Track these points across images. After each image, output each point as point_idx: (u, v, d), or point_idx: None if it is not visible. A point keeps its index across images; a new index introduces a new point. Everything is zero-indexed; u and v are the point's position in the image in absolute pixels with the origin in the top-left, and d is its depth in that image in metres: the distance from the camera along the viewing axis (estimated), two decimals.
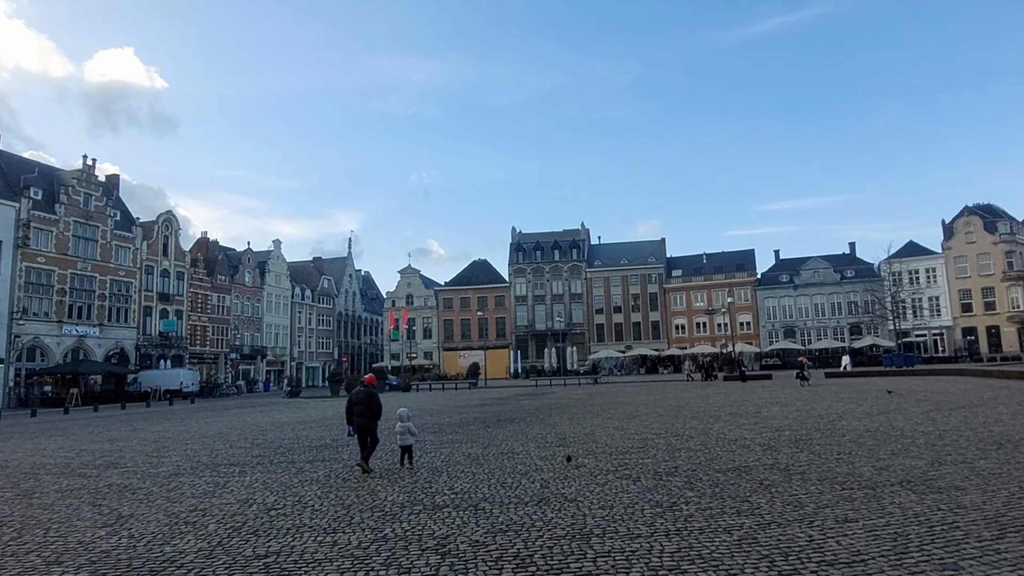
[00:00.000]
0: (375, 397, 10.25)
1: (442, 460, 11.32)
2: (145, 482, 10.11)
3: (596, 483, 8.52)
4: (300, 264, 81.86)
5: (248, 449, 14.07)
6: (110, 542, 6.48)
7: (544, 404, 25.64)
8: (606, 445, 12.43)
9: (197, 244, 64.62)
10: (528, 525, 6.46)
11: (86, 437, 18.52)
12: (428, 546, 5.85)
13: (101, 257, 49.43)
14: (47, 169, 49.74)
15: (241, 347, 64.75)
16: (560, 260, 78.93)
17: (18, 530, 7.16)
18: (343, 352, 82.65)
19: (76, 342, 46.87)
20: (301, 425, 19.84)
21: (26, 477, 11.13)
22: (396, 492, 8.47)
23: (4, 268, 42.37)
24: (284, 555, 5.76)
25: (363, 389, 10.41)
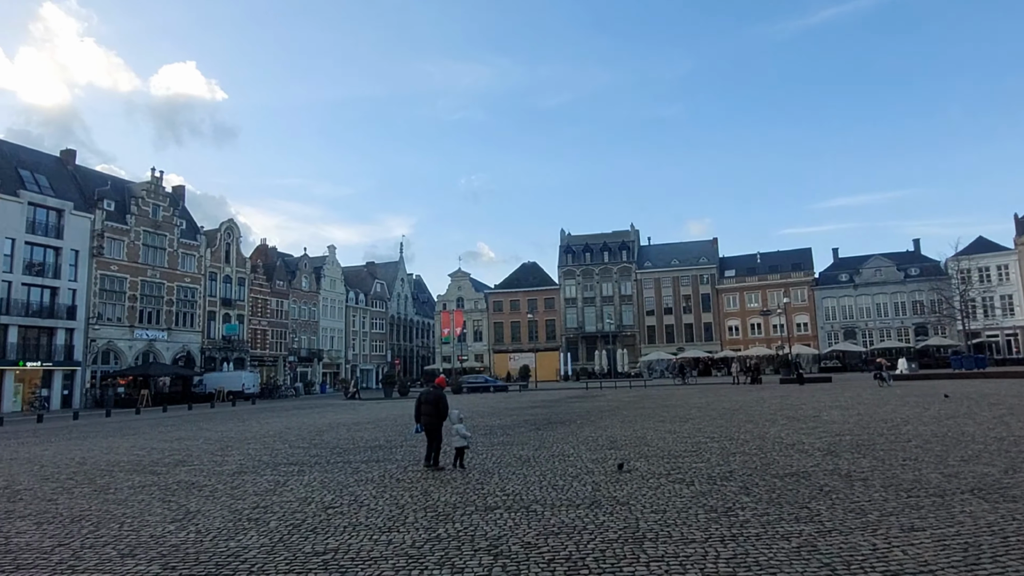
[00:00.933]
0: (443, 398, 10.74)
1: (494, 462, 11.40)
2: (211, 480, 10.55)
3: (648, 487, 8.44)
4: (354, 269, 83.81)
5: (306, 449, 14.48)
6: (179, 536, 6.79)
7: (595, 407, 25.48)
8: (658, 448, 12.27)
9: (257, 251, 66.93)
10: (580, 528, 6.46)
11: (156, 436, 19.43)
12: (481, 547, 5.91)
13: (169, 264, 51.85)
14: (119, 182, 52.48)
15: (299, 350, 66.70)
16: (610, 262, 78.29)
17: (95, 524, 7.58)
18: (396, 355, 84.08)
19: (146, 345, 49.24)
20: (356, 426, 20.30)
21: (102, 473, 11.76)
22: (449, 493, 8.59)
23: (81, 276, 44.93)
24: (342, 552, 5.93)
25: (432, 390, 10.87)
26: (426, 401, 10.66)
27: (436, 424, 10.60)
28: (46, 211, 43.40)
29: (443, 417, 10.62)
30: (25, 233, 41.75)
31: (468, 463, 10.97)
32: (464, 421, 10.82)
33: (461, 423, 10.63)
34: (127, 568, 5.73)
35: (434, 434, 10.65)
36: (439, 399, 10.65)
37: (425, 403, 10.65)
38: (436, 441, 10.71)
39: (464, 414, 11.40)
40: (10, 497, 9.55)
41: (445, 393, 11.08)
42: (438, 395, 10.73)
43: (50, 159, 48.74)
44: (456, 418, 10.63)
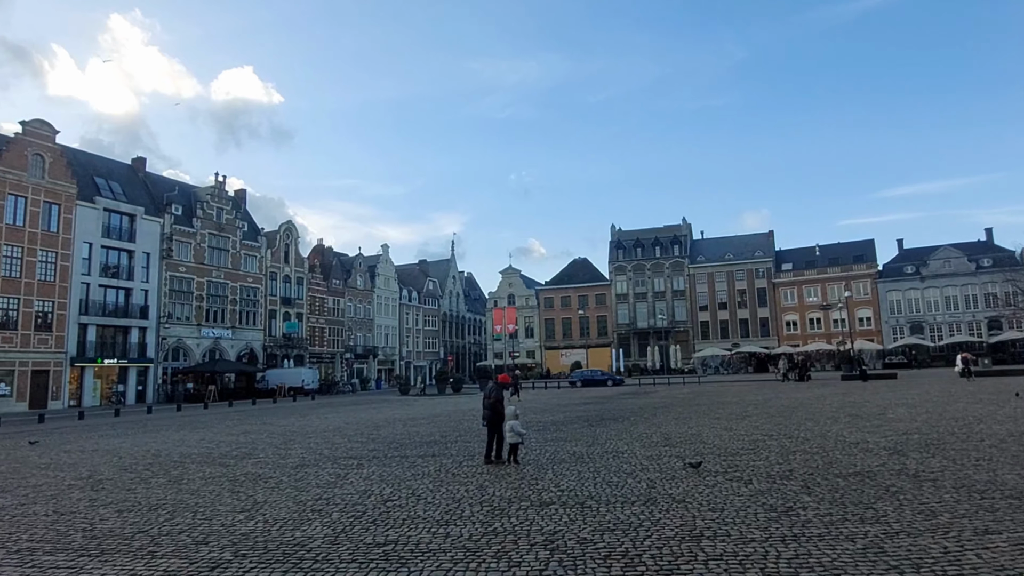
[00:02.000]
0: (498, 395, 11.09)
1: (547, 457, 11.45)
2: (275, 472, 10.97)
3: (705, 484, 8.34)
4: (407, 267, 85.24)
5: (364, 443, 14.88)
6: (248, 525, 7.11)
7: (648, 403, 25.23)
8: (714, 446, 12.09)
9: (314, 251, 68.83)
10: (636, 524, 6.45)
11: (223, 430, 20.30)
12: (537, 541, 5.98)
13: (232, 265, 53.96)
14: (185, 187, 54.90)
15: (355, 347, 68.35)
16: (661, 257, 77.16)
17: (171, 512, 8.01)
18: (448, 351, 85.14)
19: (212, 343, 51.42)
20: (411, 421, 20.69)
21: (175, 465, 12.39)
22: (504, 488, 8.69)
23: (152, 277, 47.27)
24: (401, 544, 6.10)
25: (493, 386, 11.29)
26: (486, 397, 11.07)
27: (496, 420, 10.92)
28: (120, 216, 45.79)
29: (501, 413, 10.90)
30: (101, 237, 44.19)
31: (522, 459, 11.06)
32: (520, 418, 11.00)
33: (516, 420, 10.81)
34: (201, 554, 6.04)
35: (494, 430, 10.96)
36: (491, 394, 11.00)
37: (486, 399, 11.07)
38: (497, 436, 10.98)
39: (519, 410, 11.53)
40: (93, 486, 10.18)
41: (500, 389, 11.49)
42: (491, 391, 11.08)
43: (122, 167, 51.40)
44: (512, 415, 10.82)
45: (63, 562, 5.95)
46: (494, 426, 10.94)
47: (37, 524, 7.56)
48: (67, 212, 42.02)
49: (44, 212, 40.80)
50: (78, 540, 6.75)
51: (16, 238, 39.16)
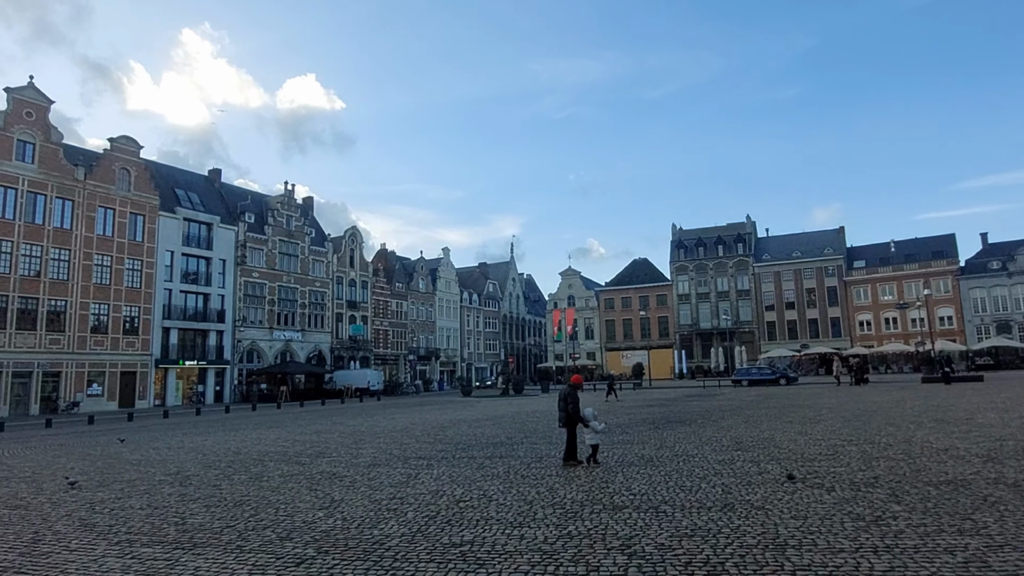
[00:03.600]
0: (570, 396, 11.05)
1: (616, 460, 11.34)
2: (349, 471, 11.28)
3: (784, 491, 8.07)
4: (467, 270, 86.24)
5: (432, 444, 15.11)
6: (328, 523, 7.33)
7: (714, 406, 24.62)
8: (789, 451, 11.68)
9: (377, 255, 70.56)
10: (715, 531, 6.30)
11: (296, 429, 21.03)
12: (613, 546, 5.92)
13: (301, 270, 55.99)
14: (257, 196, 57.34)
15: (418, 349, 69.62)
16: (724, 256, 75.20)
17: (255, 508, 8.34)
18: (509, 353, 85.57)
19: (284, 346, 53.45)
20: (476, 423, 20.89)
21: (255, 462, 12.91)
22: (575, 490, 8.66)
23: (228, 283, 49.57)
24: (477, 545, 6.15)
25: (567, 387, 11.26)
26: (561, 398, 11.10)
27: (572, 421, 10.94)
28: (198, 225, 48.25)
29: (575, 414, 10.88)
30: (181, 245, 46.67)
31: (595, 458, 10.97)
32: (599, 419, 10.97)
33: (596, 421, 10.81)
34: (286, 550, 6.26)
35: (570, 431, 11.00)
36: (566, 397, 10.98)
37: (561, 399, 11.12)
38: (572, 437, 11.01)
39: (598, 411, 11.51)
40: (182, 482, 10.73)
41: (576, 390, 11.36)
42: (567, 392, 11.05)
43: (200, 178, 54.14)
44: (590, 416, 10.82)
45: (160, 554, 6.28)
46: (571, 427, 10.97)
47: (133, 517, 8.02)
48: (151, 222, 44.56)
49: (130, 223, 43.40)
50: (171, 533, 7.11)
51: (106, 247, 41.79)
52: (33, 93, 39.57)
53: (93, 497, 9.54)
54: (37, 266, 38.44)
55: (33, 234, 38.38)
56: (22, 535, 7.24)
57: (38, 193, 38.91)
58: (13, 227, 37.53)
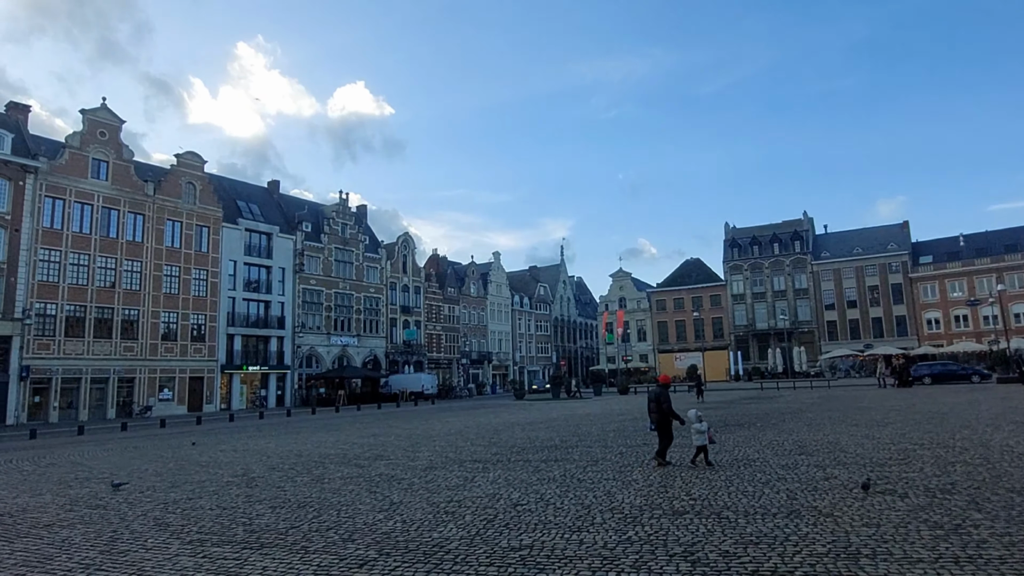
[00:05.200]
0: (662, 395, 11.05)
1: (674, 464, 11.13)
2: (407, 473, 11.45)
3: (852, 497, 7.75)
4: (517, 273, 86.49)
5: (486, 447, 15.18)
6: (388, 525, 7.44)
7: (773, 408, 23.89)
8: (856, 455, 11.23)
9: (429, 260, 71.55)
10: (781, 539, 6.10)
11: (355, 432, 21.49)
12: (675, 552, 5.81)
13: (356, 277, 57.34)
14: (313, 205, 59.05)
15: (470, 353, 70.21)
16: (781, 254, 73.01)
17: (318, 510, 8.55)
18: (561, 356, 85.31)
19: (341, 351, 54.80)
20: (530, 426, 20.88)
21: (316, 465, 13.25)
22: (633, 495, 8.54)
23: (287, 290, 51.19)
24: (536, 549, 6.13)
25: (657, 388, 11.35)
26: (650, 399, 11.16)
27: (661, 420, 10.93)
28: (259, 235, 50.04)
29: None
30: (243, 255, 48.47)
31: (647, 464, 10.81)
32: (703, 420, 10.82)
33: (700, 422, 10.65)
34: (349, 551, 6.39)
35: (661, 430, 10.99)
36: (658, 396, 10.99)
37: (650, 401, 11.17)
38: (664, 438, 10.99)
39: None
40: (248, 483, 11.10)
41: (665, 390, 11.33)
42: (657, 392, 11.08)
43: (259, 189, 56.15)
44: (694, 417, 10.74)
45: (229, 553, 6.51)
46: (662, 427, 10.95)
47: (204, 517, 8.34)
48: (215, 233, 46.44)
49: (196, 234, 45.34)
50: (240, 533, 7.36)
51: (174, 258, 43.78)
52: (105, 113, 41.81)
53: (166, 498, 9.98)
54: (112, 277, 40.56)
55: (108, 247, 40.53)
56: (102, 534, 7.63)
57: (112, 208, 41.09)
58: (90, 241, 39.74)
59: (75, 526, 8.11)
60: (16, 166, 36.82)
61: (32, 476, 13.24)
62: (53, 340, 37.51)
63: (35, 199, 37.41)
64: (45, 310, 37.37)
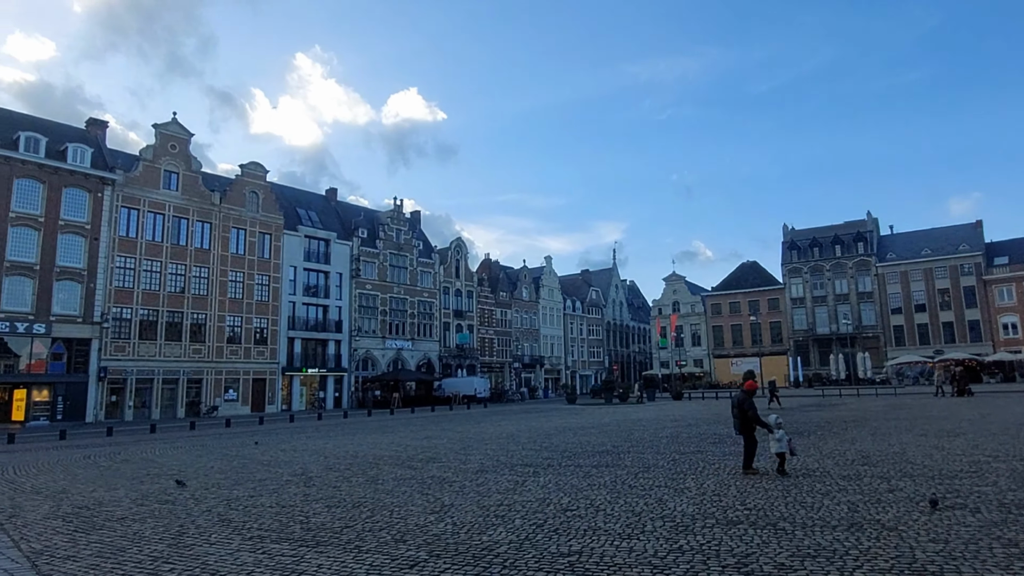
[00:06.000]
0: (745, 402, 10.74)
1: (728, 472, 10.89)
2: (458, 476, 11.57)
3: (918, 511, 7.41)
4: (569, 277, 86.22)
5: (538, 451, 15.19)
6: (438, 527, 7.55)
7: (835, 416, 23.02)
8: (924, 467, 10.72)
9: (481, 265, 72.14)
10: (841, 552, 5.88)
11: (408, 434, 21.85)
12: (728, 563, 5.68)
13: (410, 281, 58.37)
14: (369, 212, 60.48)
15: (522, 356, 70.36)
16: (843, 256, 70.31)
17: (371, 510, 8.74)
18: (613, 360, 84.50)
19: (395, 354, 55.86)
20: (581, 431, 20.76)
21: (371, 466, 13.54)
22: (685, 503, 8.40)
23: (344, 295, 52.58)
24: (586, 556, 6.10)
25: (741, 393, 11.02)
26: (734, 405, 10.90)
27: (744, 427, 10.67)
28: (317, 242, 51.60)
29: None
30: (303, 261, 50.07)
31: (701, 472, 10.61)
32: (783, 427, 10.53)
33: (780, 429, 10.39)
34: (400, 552, 6.51)
35: (746, 437, 10.73)
36: (741, 403, 10.71)
37: (733, 407, 10.90)
38: (748, 444, 10.74)
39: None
40: (306, 483, 11.44)
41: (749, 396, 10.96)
42: (741, 398, 10.79)
43: (318, 197, 57.90)
44: (774, 423, 10.46)
45: (287, 550, 6.73)
46: (748, 433, 10.69)
47: (264, 515, 8.65)
48: (276, 240, 48.14)
49: (259, 241, 47.10)
50: (297, 531, 7.60)
51: (238, 265, 45.60)
52: (176, 128, 43.96)
53: (229, 495, 10.40)
54: (181, 283, 42.56)
55: (178, 254, 42.56)
56: (170, 528, 8.01)
57: (181, 217, 43.13)
58: (161, 248, 41.82)
59: (145, 520, 8.55)
60: (95, 179, 39.12)
61: (108, 471, 14.02)
62: (128, 342, 39.58)
63: (112, 209, 39.63)
64: (121, 314, 39.50)
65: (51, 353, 36.63)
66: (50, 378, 36.50)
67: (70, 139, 39.77)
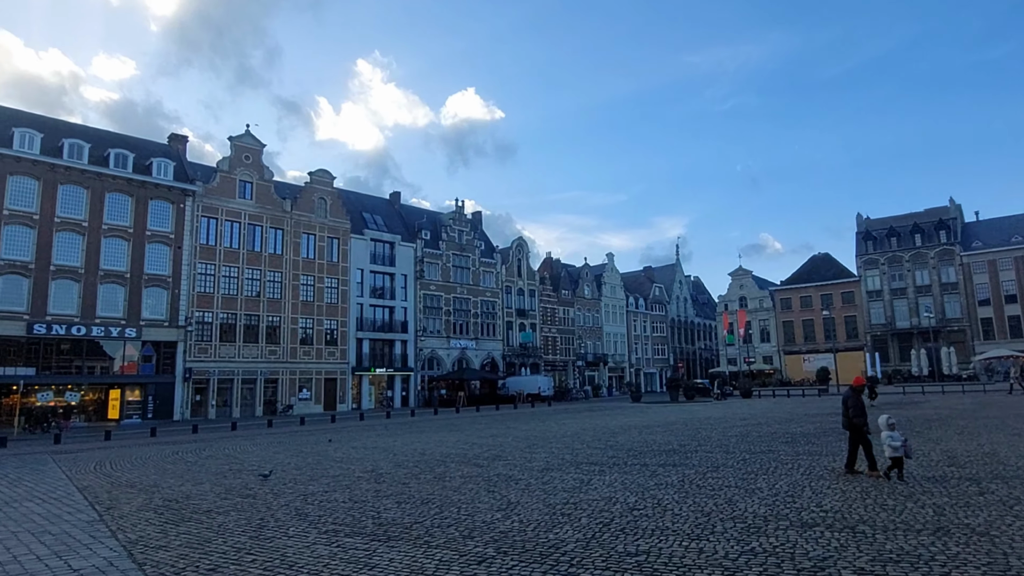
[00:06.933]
0: (849, 399, 10.33)
1: (802, 472, 10.53)
2: (524, 474, 11.66)
3: (1012, 514, 6.97)
4: (631, 274, 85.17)
5: (603, 450, 15.11)
6: (505, 524, 7.64)
7: (918, 415, 21.81)
8: (1017, 468, 10.07)
9: (543, 264, 72.15)
10: (926, 557, 5.61)
11: (474, 433, 22.14)
12: (804, 567, 5.51)
13: (473, 282, 59.06)
14: (432, 214, 61.55)
15: (585, 355, 70.00)
16: (923, 245, 66.43)
17: (439, 507, 8.93)
18: (678, 358, 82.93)
19: (460, 353, 56.66)
20: (647, 429, 20.50)
21: (438, 464, 13.81)
22: (757, 504, 8.19)
23: (409, 296, 53.73)
24: (654, 556, 6.05)
25: (848, 390, 10.63)
26: (843, 403, 10.54)
27: (851, 425, 10.23)
28: (383, 244, 52.94)
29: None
30: (369, 264, 51.49)
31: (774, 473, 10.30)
32: (896, 428, 9.71)
33: (891, 429, 9.58)
34: (468, 548, 6.64)
35: (853, 436, 10.29)
36: (846, 400, 10.36)
37: (843, 404, 10.53)
38: (853, 444, 10.32)
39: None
40: (376, 479, 11.79)
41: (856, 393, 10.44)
42: (846, 396, 10.41)
43: (382, 201, 59.37)
44: (885, 424, 9.69)
45: (360, 544, 6.97)
46: (853, 433, 10.25)
47: (338, 509, 8.98)
48: (344, 244, 49.69)
49: (328, 246, 48.74)
50: (369, 526, 7.86)
51: (309, 269, 47.34)
52: (250, 139, 46.04)
53: (306, 490, 10.84)
54: (257, 288, 44.55)
55: (253, 260, 44.58)
56: (251, 521, 8.43)
57: (256, 224, 45.14)
58: (238, 255, 43.90)
59: (229, 513, 9.03)
60: (178, 191, 41.44)
61: (194, 467, 14.86)
62: (210, 345, 41.74)
63: (193, 219, 41.88)
64: (203, 318, 41.69)
65: (142, 356, 39.05)
66: (141, 379, 38.92)
67: (154, 154, 42.28)
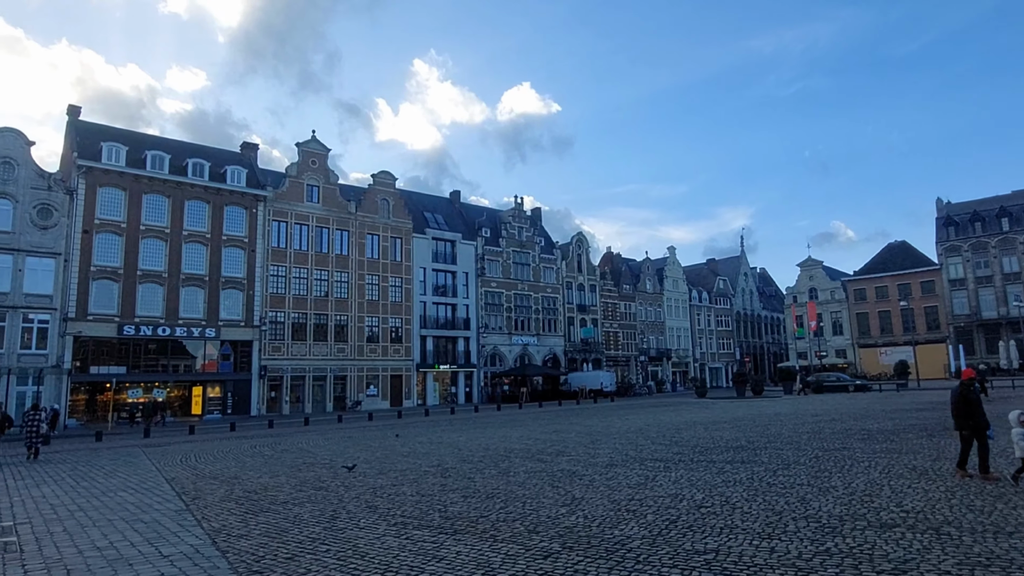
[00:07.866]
0: (956, 393, 9.61)
1: (879, 471, 10.08)
2: (588, 470, 11.63)
3: None
4: (694, 267, 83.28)
5: (667, 446, 14.89)
6: (570, 520, 7.66)
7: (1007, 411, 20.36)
8: None
9: (603, 258, 71.53)
10: (1019, 562, 5.29)
11: (537, 428, 22.23)
12: (883, 569, 5.30)
13: (533, 278, 59.21)
14: (491, 212, 62.03)
15: (648, 350, 68.99)
16: (1011, 230, 62.02)
17: (504, 501, 9.03)
18: (744, 352, 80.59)
19: (521, 350, 56.94)
20: (713, 425, 20.05)
21: (502, 458, 13.95)
22: (831, 503, 7.90)
23: (470, 293, 54.39)
24: (723, 555, 5.94)
25: (958, 384, 9.86)
26: (952, 400, 9.73)
27: (962, 424, 9.48)
28: (444, 243, 53.77)
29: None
30: (431, 262, 52.41)
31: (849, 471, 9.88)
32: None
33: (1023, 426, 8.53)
34: (534, 542, 6.69)
35: (969, 435, 9.47)
36: (960, 396, 9.52)
37: (952, 402, 9.72)
38: (968, 443, 9.52)
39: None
40: (442, 474, 12.02)
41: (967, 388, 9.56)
42: (955, 390, 9.63)
43: (443, 200, 60.26)
44: (1016, 420, 8.65)
45: (427, 537, 7.15)
46: (963, 429, 9.50)
47: (406, 503, 9.21)
48: (406, 244, 50.75)
49: (391, 245, 49.90)
50: (436, 519, 8.04)
51: (374, 269, 48.60)
52: (316, 145, 47.63)
53: (375, 483, 11.17)
54: (325, 288, 46.09)
55: (321, 261, 46.15)
56: (324, 512, 8.77)
57: (323, 227, 46.70)
58: (307, 256, 45.54)
59: (304, 504, 9.42)
60: (250, 196, 43.32)
61: (271, 460, 15.55)
62: (283, 343, 43.49)
63: (264, 223, 43.70)
64: (275, 318, 43.47)
65: (220, 354, 41.09)
66: (220, 376, 40.95)
67: (227, 162, 44.32)
